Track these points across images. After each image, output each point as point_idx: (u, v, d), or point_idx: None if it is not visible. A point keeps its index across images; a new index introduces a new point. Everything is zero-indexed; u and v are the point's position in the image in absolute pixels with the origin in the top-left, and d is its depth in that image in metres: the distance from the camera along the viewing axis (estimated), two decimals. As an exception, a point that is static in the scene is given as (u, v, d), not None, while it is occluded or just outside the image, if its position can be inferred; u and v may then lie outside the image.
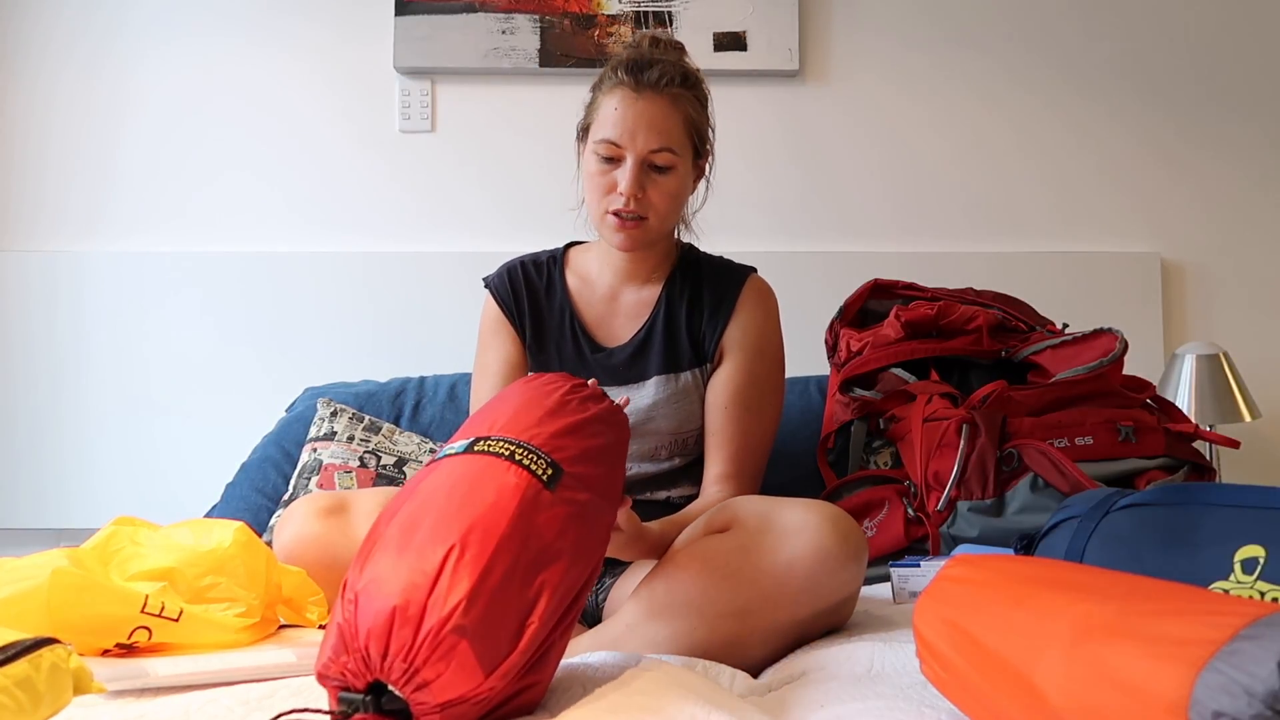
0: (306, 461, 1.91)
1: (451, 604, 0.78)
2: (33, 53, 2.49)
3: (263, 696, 0.88)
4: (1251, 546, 0.90)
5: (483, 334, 1.53)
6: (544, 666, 0.86)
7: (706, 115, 1.45)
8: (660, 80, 1.36)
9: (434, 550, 0.80)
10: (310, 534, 1.24)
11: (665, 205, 1.39)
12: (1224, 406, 2.16)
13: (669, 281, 1.50)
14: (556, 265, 1.54)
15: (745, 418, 1.43)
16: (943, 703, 0.87)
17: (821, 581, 1.10)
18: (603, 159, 1.38)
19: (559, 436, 0.94)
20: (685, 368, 1.46)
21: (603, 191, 1.39)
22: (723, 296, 1.47)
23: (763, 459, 1.46)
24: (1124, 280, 2.44)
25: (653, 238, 1.43)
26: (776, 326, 1.50)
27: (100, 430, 2.41)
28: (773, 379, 1.48)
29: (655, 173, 1.38)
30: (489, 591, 0.80)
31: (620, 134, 1.36)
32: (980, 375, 1.83)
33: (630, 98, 1.36)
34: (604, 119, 1.38)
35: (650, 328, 1.47)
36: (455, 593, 0.78)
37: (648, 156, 1.36)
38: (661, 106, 1.36)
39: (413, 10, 2.44)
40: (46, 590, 0.95)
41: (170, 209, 2.48)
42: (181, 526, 1.12)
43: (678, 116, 1.38)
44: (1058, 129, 2.51)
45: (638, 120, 1.35)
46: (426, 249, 2.47)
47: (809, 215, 2.50)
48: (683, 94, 1.38)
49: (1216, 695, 0.56)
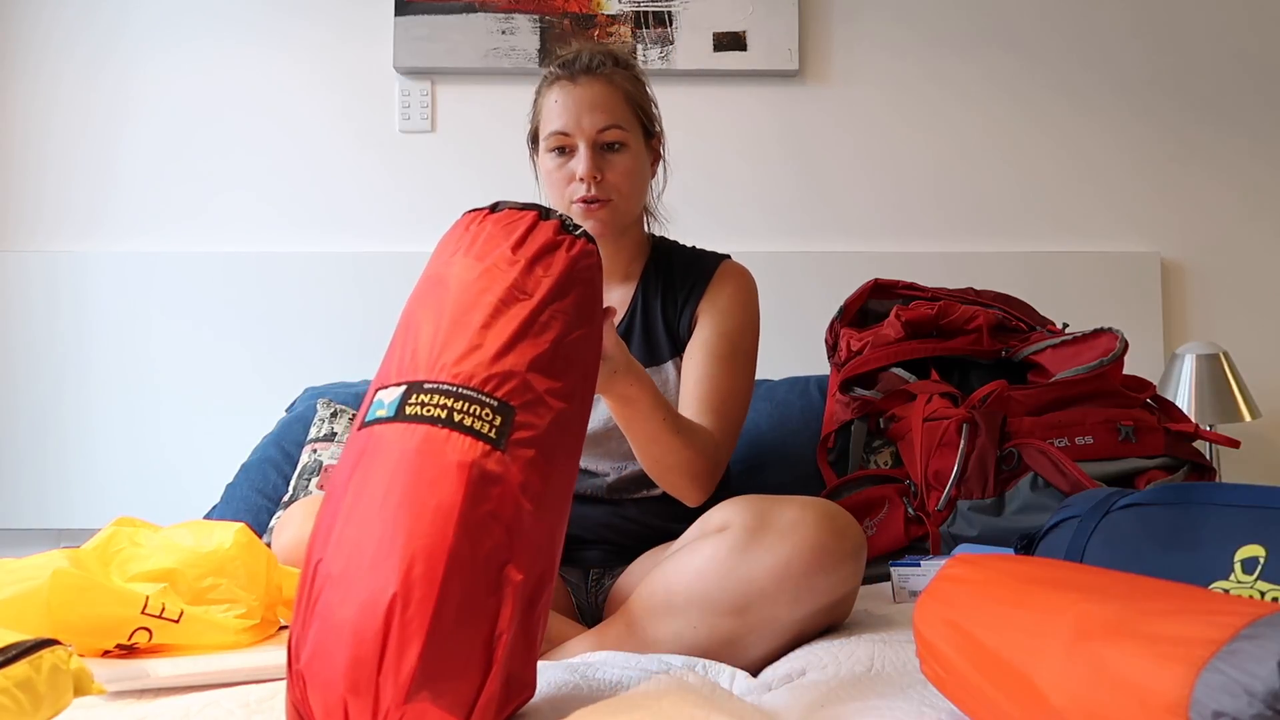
0: (306, 462, 1.91)
1: (406, 673, 0.73)
2: (33, 53, 2.49)
3: (263, 698, 0.88)
4: (1252, 546, 0.90)
5: None
6: (528, 655, 0.83)
7: (647, 94, 1.48)
8: (593, 64, 1.41)
9: (376, 601, 0.75)
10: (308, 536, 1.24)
11: (626, 184, 1.41)
12: (1224, 406, 2.16)
13: (644, 277, 1.50)
14: None
15: (716, 371, 1.40)
16: (943, 703, 0.87)
17: (819, 579, 1.10)
18: (556, 153, 1.41)
19: (506, 353, 0.85)
20: (665, 359, 1.46)
21: (563, 185, 1.41)
22: (695, 282, 1.48)
23: (738, 411, 1.42)
24: (1124, 280, 2.44)
25: (621, 220, 1.43)
26: (750, 297, 1.49)
27: (101, 430, 2.41)
28: (746, 338, 1.46)
29: (609, 152, 1.40)
30: (445, 633, 0.74)
31: (566, 122, 1.39)
32: (980, 375, 1.83)
33: (568, 87, 1.40)
34: (548, 115, 1.42)
35: (628, 323, 1.48)
36: (407, 658, 0.73)
37: (597, 137, 1.39)
38: (599, 86, 1.40)
39: (413, 10, 2.44)
40: (47, 591, 0.95)
41: (171, 209, 2.48)
42: (182, 528, 1.12)
43: (618, 94, 1.41)
44: (1059, 128, 2.51)
45: (579, 104, 1.39)
46: (427, 249, 2.42)
47: (809, 215, 2.50)
48: (617, 72, 1.43)
49: (1217, 695, 0.56)
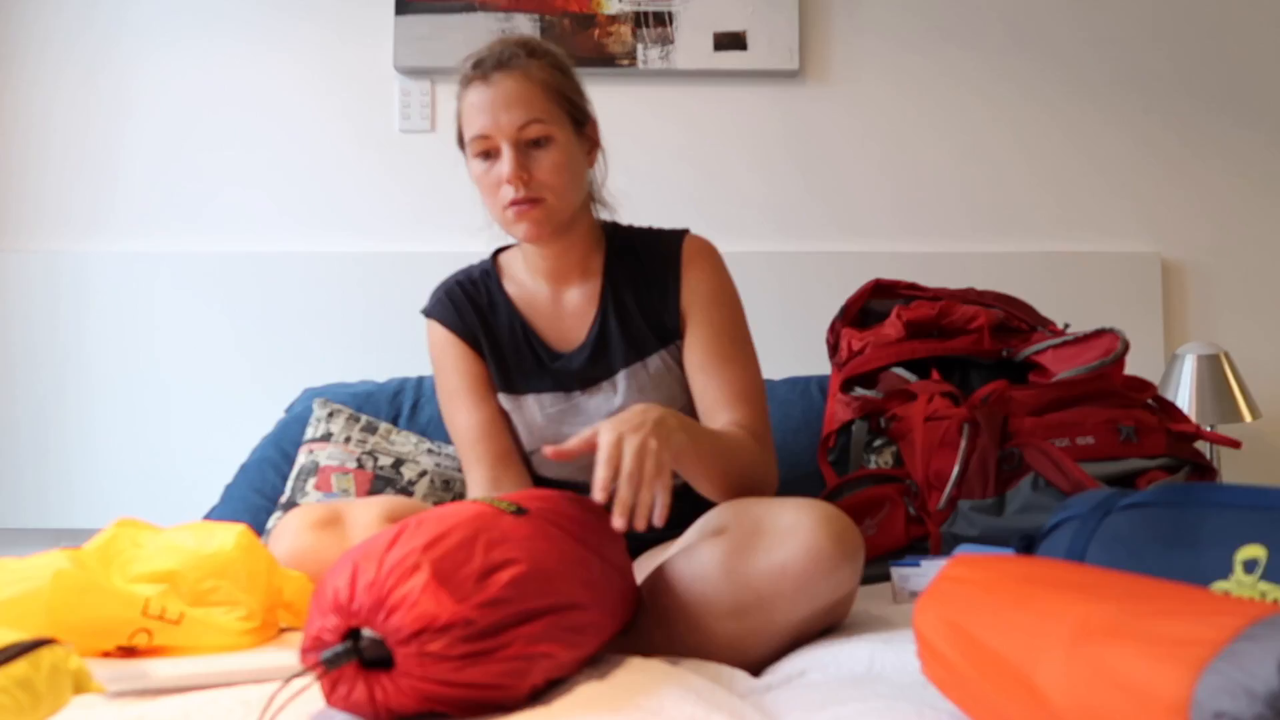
0: (304, 463, 1.91)
1: (410, 545, 0.84)
2: (33, 53, 2.49)
3: (263, 698, 0.88)
4: (1252, 547, 0.90)
5: (437, 361, 1.47)
6: (529, 663, 0.85)
7: (572, 81, 1.39)
8: (505, 58, 1.33)
9: (389, 533, 0.87)
10: (304, 547, 1.23)
11: (557, 180, 1.33)
12: (1224, 406, 2.16)
13: (607, 271, 1.46)
14: (491, 277, 1.49)
15: (726, 368, 1.40)
16: (943, 703, 0.87)
17: (817, 582, 1.10)
18: (482, 157, 1.34)
19: None
20: (651, 352, 1.43)
21: (494, 189, 1.34)
22: (666, 268, 1.44)
23: (761, 397, 1.41)
24: (1124, 280, 2.44)
25: (557, 218, 1.36)
26: (725, 275, 1.46)
27: (101, 430, 2.41)
28: (738, 325, 1.45)
29: (534, 149, 1.32)
30: (446, 545, 0.85)
31: (485, 124, 1.31)
32: (981, 375, 1.83)
33: (482, 87, 1.32)
34: (468, 118, 1.34)
35: (603, 323, 1.44)
36: (414, 540, 0.85)
37: (518, 135, 1.31)
38: (514, 81, 1.32)
39: (413, 10, 2.44)
40: (48, 592, 0.95)
41: (171, 209, 2.49)
42: (183, 529, 1.13)
43: (535, 87, 1.32)
44: (1059, 128, 2.51)
45: (495, 103, 1.31)
46: (426, 249, 2.47)
47: (810, 215, 2.50)
48: (533, 63, 1.34)
49: (1217, 696, 0.56)
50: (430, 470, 1.88)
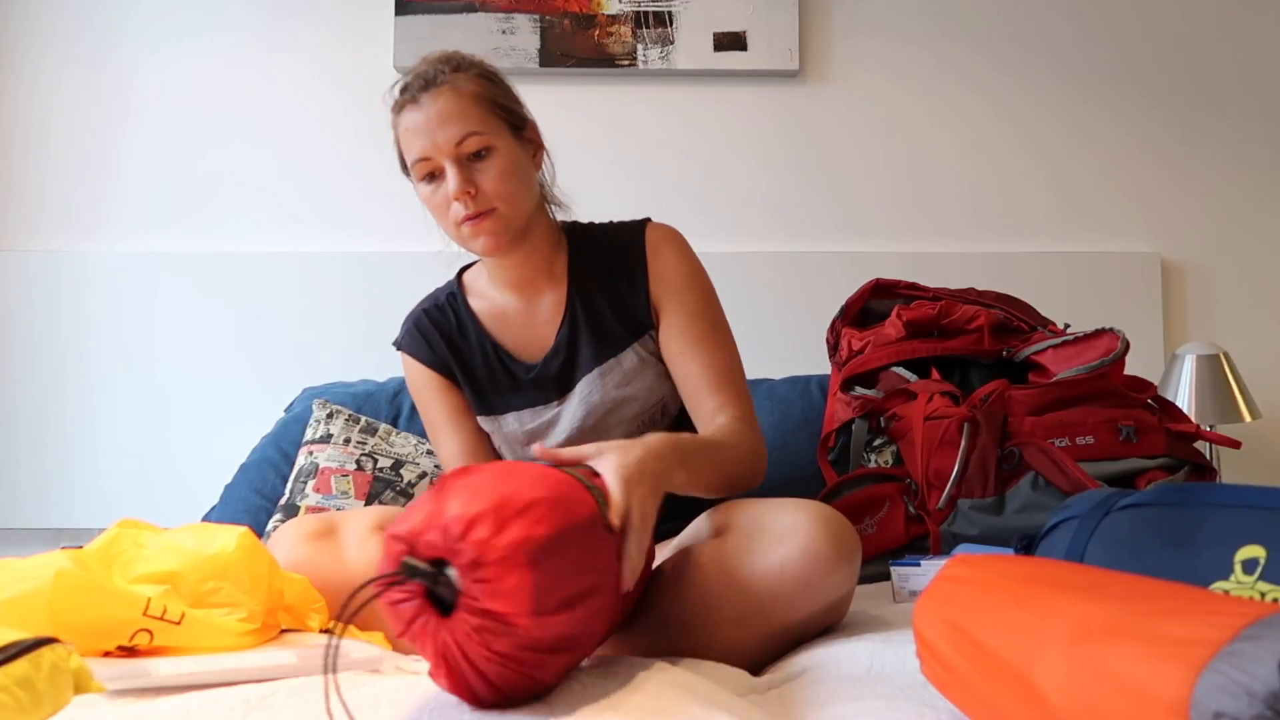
0: (303, 465, 1.91)
1: (534, 533, 0.82)
2: (33, 53, 2.49)
3: (263, 696, 0.88)
4: (1252, 547, 0.90)
5: (415, 393, 1.50)
6: (540, 681, 0.86)
7: (502, 88, 1.38)
8: (430, 77, 1.32)
9: (530, 489, 0.86)
10: (299, 559, 1.23)
11: (505, 188, 1.32)
12: (1224, 406, 2.16)
13: (571, 271, 1.44)
14: (458, 299, 1.50)
15: (705, 351, 1.39)
16: (943, 703, 0.87)
17: (815, 583, 1.10)
18: (427, 180, 1.33)
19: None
20: (624, 347, 1.42)
21: (445, 209, 1.33)
22: (630, 259, 1.43)
23: (741, 379, 1.41)
24: (1124, 280, 2.44)
25: (513, 226, 1.35)
26: (693, 258, 1.45)
27: (101, 430, 2.41)
28: (712, 306, 1.43)
29: (476, 161, 1.31)
30: (556, 548, 0.84)
31: (423, 146, 1.30)
32: (981, 375, 1.83)
33: (413, 110, 1.31)
34: (406, 143, 1.33)
35: (572, 325, 1.43)
36: (540, 527, 0.83)
37: (458, 151, 1.30)
38: (443, 99, 1.30)
39: (413, 10, 2.44)
40: (49, 591, 0.95)
41: (171, 209, 2.49)
42: (185, 530, 1.13)
43: (465, 100, 1.31)
44: (1059, 129, 2.51)
45: (429, 123, 1.30)
46: (426, 249, 2.45)
47: (810, 215, 2.50)
48: (459, 77, 1.32)
49: (1217, 696, 0.56)
50: (430, 472, 1.88)
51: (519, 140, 1.37)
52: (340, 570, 1.18)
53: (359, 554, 1.20)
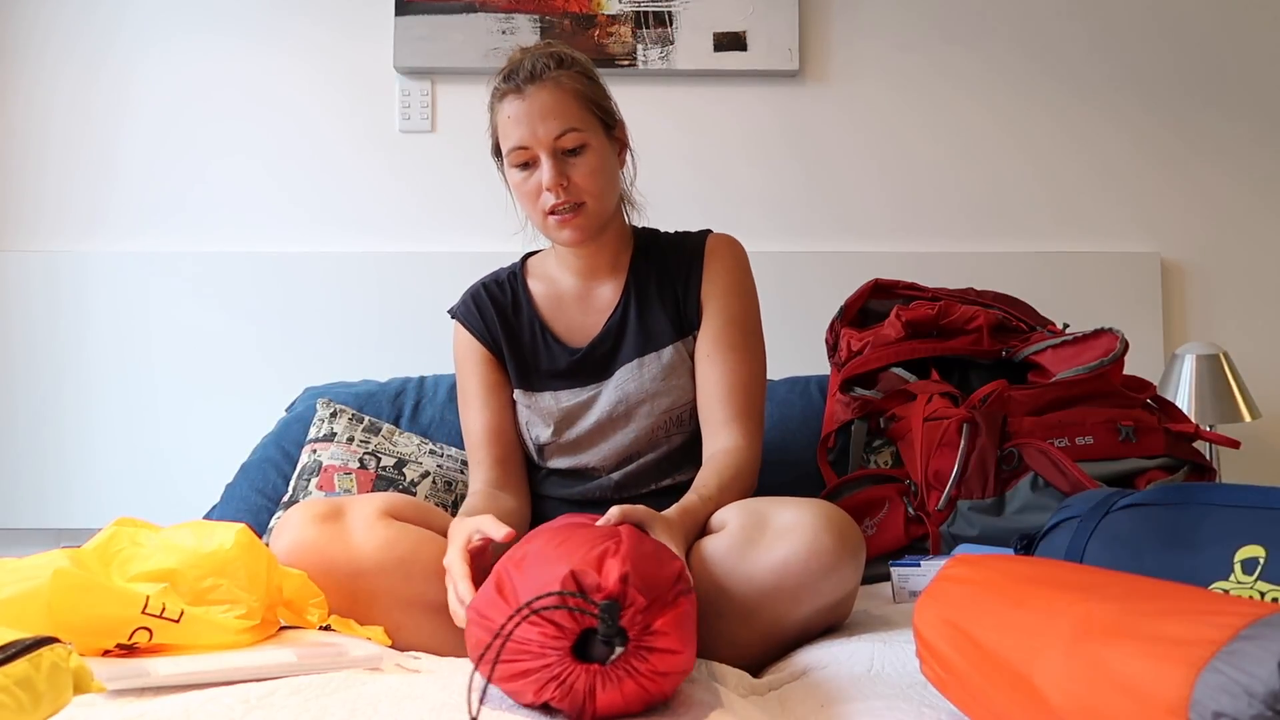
0: (306, 463, 1.91)
1: (677, 580, 0.91)
2: (32, 52, 2.49)
3: (263, 695, 0.89)
4: (1251, 546, 0.90)
5: (458, 361, 1.55)
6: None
7: (600, 87, 1.45)
8: (536, 71, 1.38)
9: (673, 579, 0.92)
10: (307, 540, 1.24)
11: (595, 185, 1.39)
12: (1224, 406, 2.16)
13: (633, 267, 1.51)
14: (518, 279, 1.56)
15: (731, 356, 1.43)
16: (943, 703, 0.87)
17: (818, 580, 1.10)
18: (520, 167, 1.40)
19: None
20: (667, 343, 1.46)
21: (534, 198, 1.40)
22: (690, 261, 1.49)
23: (759, 397, 1.45)
24: (1124, 280, 2.44)
25: (597, 222, 1.42)
26: (746, 269, 1.52)
27: (101, 430, 2.41)
28: (751, 317, 1.50)
29: (571, 157, 1.38)
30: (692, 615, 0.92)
31: (522, 135, 1.37)
32: (980, 375, 1.83)
33: (516, 100, 1.38)
34: (505, 131, 1.40)
35: (622, 315, 1.48)
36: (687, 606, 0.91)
37: (555, 145, 1.37)
38: (547, 93, 1.37)
39: (413, 10, 2.44)
40: (48, 591, 0.95)
41: (171, 209, 2.48)
42: (183, 528, 1.12)
43: (567, 96, 1.38)
44: (1058, 130, 2.51)
45: (532, 115, 1.36)
46: (426, 249, 2.47)
47: (809, 215, 2.50)
48: (563, 74, 1.39)
49: (1216, 695, 0.56)
50: (432, 471, 1.88)
51: (609, 138, 1.45)
52: (346, 553, 1.19)
53: (365, 538, 1.21)
